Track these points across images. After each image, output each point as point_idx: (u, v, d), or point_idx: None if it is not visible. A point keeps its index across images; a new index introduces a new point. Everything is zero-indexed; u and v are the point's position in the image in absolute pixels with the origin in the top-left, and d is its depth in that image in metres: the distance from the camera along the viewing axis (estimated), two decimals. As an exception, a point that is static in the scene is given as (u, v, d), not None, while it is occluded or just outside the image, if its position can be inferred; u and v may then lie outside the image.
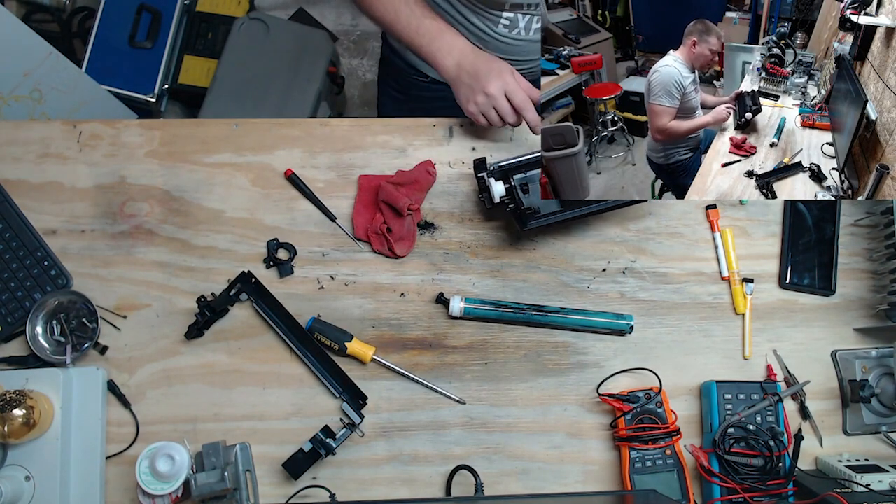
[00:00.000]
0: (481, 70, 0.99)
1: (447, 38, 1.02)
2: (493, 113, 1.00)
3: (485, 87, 0.98)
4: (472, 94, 1.00)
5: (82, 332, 1.03)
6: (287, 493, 0.98)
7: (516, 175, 1.01)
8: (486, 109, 1.00)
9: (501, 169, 1.01)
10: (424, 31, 1.02)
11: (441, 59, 1.02)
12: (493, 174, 1.00)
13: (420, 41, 1.02)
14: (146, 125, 1.13)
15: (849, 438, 1.02)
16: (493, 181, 0.98)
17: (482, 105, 1.00)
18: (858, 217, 1.09)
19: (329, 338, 1.01)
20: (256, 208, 1.09)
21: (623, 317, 1.03)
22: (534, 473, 1.01)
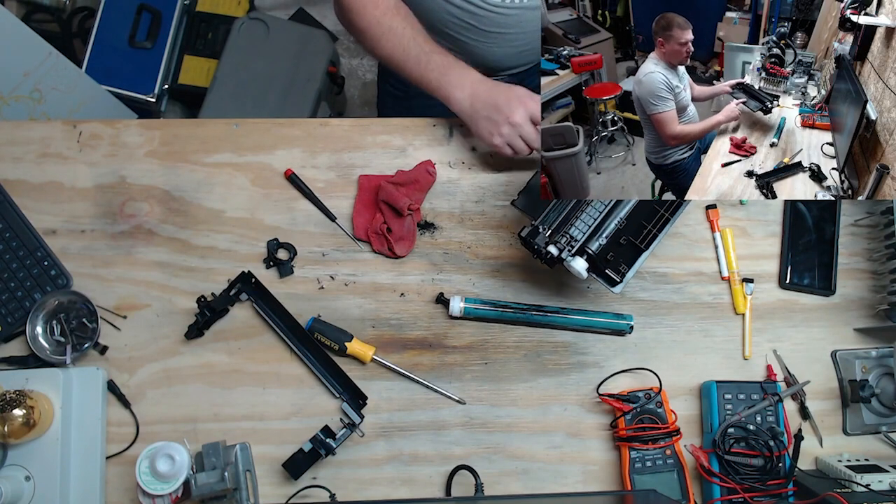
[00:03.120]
0: (500, 100, 0.97)
1: (457, 72, 1.00)
2: (519, 142, 0.98)
3: (509, 117, 0.96)
4: (494, 127, 0.97)
5: (82, 332, 1.03)
6: (287, 493, 0.98)
7: (593, 243, 0.91)
8: (512, 140, 0.98)
9: (575, 243, 0.92)
10: (434, 66, 1.00)
11: (453, 93, 1.00)
12: (568, 250, 0.91)
13: (430, 76, 1.01)
14: (146, 125, 1.13)
15: (849, 438, 1.02)
16: (571, 261, 0.90)
17: (508, 136, 0.97)
18: (858, 217, 1.09)
19: (329, 338, 1.01)
20: (256, 208, 1.09)
21: (623, 317, 1.03)
22: (534, 473, 1.01)
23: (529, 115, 0.96)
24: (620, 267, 0.92)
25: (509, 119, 0.96)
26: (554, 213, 0.93)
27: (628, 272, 0.92)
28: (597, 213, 0.92)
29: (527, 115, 0.96)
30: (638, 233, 0.92)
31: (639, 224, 0.92)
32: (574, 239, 0.91)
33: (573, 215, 0.92)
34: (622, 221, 0.92)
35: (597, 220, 0.92)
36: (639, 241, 0.92)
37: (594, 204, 0.93)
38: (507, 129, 0.97)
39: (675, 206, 0.94)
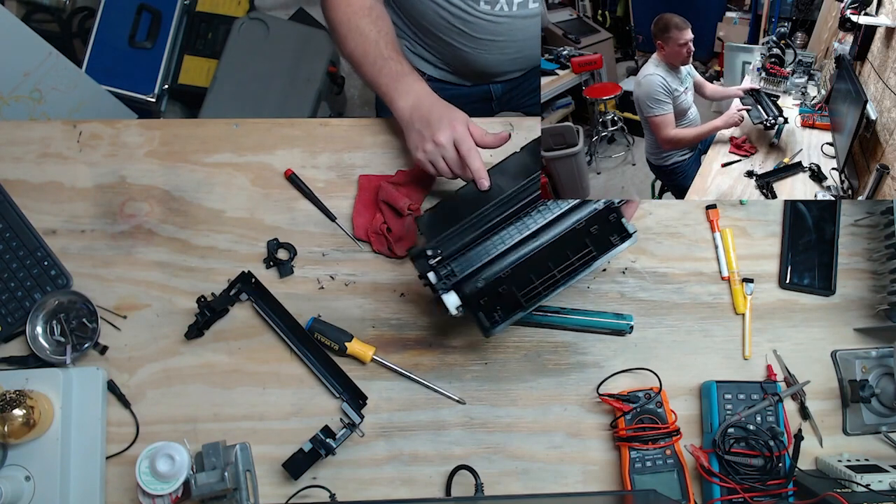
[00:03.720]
0: (434, 117, 0.96)
1: (408, 81, 1.00)
2: (441, 163, 0.96)
3: (434, 136, 0.94)
4: (421, 142, 0.97)
5: (82, 332, 1.03)
6: (287, 493, 0.98)
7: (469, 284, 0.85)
8: (434, 158, 0.97)
9: (453, 278, 0.86)
10: (388, 71, 1.01)
11: (397, 100, 1.00)
12: (444, 283, 0.86)
13: (381, 80, 1.01)
14: (146, 125, 1.13)
15: (849, 438, 1.02)
16: (444, 295, 0.85)
17: (430, 153, 0.96)
18: (858, 217, 1.09)
19: (329, 338, 1.01)
20: (256, 208, 1.09)
21: (623, 317, 1.03)
22: (534, 473, 1.01)
23: (455, 139, 0.94)
24: (496, 314, 0.86)
25: (434, 137, 0.94)
26: (454, 239, 0.87)
27: (501, 323, 0.86)
28: (494, 251, 0.86)
29: (451, 137, 0.94)
30: (524, 284, 0.86)
31: (542, 268, 0.86)
32: (453, 274, 0.86)
33: (470, 247, 0.87)
34: (507, 270, 0.85)
35: (486, 260, 0.86)
36: (522, 294, 0.86)
37: (494, 240, 0.86)
38: (431, 147, 0.95)
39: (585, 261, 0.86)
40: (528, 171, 0.90)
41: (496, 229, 0.87)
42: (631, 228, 0.87)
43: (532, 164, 0.92)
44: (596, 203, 0.87)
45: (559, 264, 0.86)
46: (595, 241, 0.87)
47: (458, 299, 0.85)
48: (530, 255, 0.86)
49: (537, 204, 0.87)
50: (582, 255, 0.87)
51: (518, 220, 0.87)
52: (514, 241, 0.86)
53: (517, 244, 0.86)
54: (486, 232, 0.87)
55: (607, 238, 0.87)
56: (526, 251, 0.86)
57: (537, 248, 0.86)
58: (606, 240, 0.87)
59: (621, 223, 0.87)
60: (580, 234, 0.87)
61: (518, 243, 0.86)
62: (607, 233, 0.87)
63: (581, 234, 0.87)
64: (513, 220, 0.87)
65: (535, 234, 0.86)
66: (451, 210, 0.94)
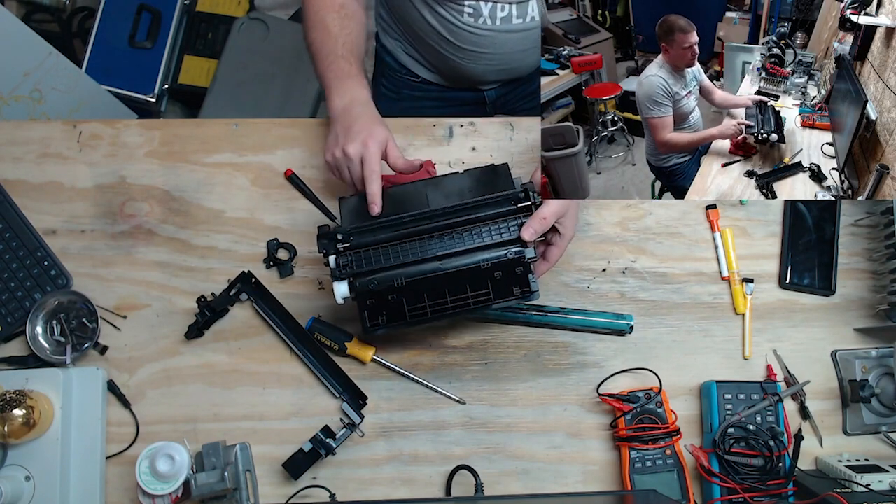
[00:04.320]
0: (354, 127, 0.95)
1: (349, 84, 1.00)
2: (346, 173, 0.96)
3: (345, 145, 0.94)
4: (334, 146, 0.96)
5: (82, 332, 1.03)
6: (287, 493, 0.98)
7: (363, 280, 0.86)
8: (339, 166, 0.96)
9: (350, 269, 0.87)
10: (335, 68, 1.00)
11: (333, 98, 0.99)
12: (339, 271, 0.86)
13: (327, 75, 1.01)
14: (146, 125, 1.13)
15: (849, 438, 1.02)
16: (335, 282, 0.87)
17: (338, 161, 0.96)
18: (858, 217, 1.09)
19: (329, 338, 1.01)
20: (256, 208, 1.09)
21: (623, 317, 1.03)
22: (534, 473, 1.01)
23: (363, 155, 0.92)
24: (381, 318, 0.88)
25: (345, 146, 0.94)
26: (367, 234, 0.87)
27: (381, 329, 0.88)
28: (396, 259, 0.86)
29: (360, 154, 0.92)
30: (416, 300, 0.87)
31: (437, 292, 0.87)
32: (352, 266, 0.86)
33: (378, 246, 0.87)
34: (402, 281, 0.86)
35: (386, 264, 0.86)
36: (409, 308, 0.87)
37: (403, 248, 0.87)
38: (340, 155, 0.95)
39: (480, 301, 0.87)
40: (462, 193, 0.90)
41: (409, 239, 0.88)
42: (535, 286, 0.88)
43: (470, 188, 0.92)
44: (508, 249, 0.87)
45: (454, 294, 0.88)
46: (496, 285, 0.88)
47: (347, 291, 0.87)
48: (428, 276, 0.87)
49: (461, 228, 0.88)
50: (479, 293, 0.88)
51: (435, 237, 0.88)
52: (419, 256, 0.87)
53: (422, 260, 0.87)
54: (398, 238, 0.88)
55: (510, 286, 0.88)
56: (426, 269, 0.87)
57: (437, 271, 0.87)
58: (508, 288, 0.88)
59: (527, 279, 0.88)
60: (484, 273, 0.88)
61: (423, 260, 0.87)
62: (511, 281, 0.88)
63: (485, 274, 0.88)
64: (430, 236, 0.88)
65: (443, 258, 0.87)
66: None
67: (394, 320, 0.88)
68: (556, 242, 0.92)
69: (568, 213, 0.90)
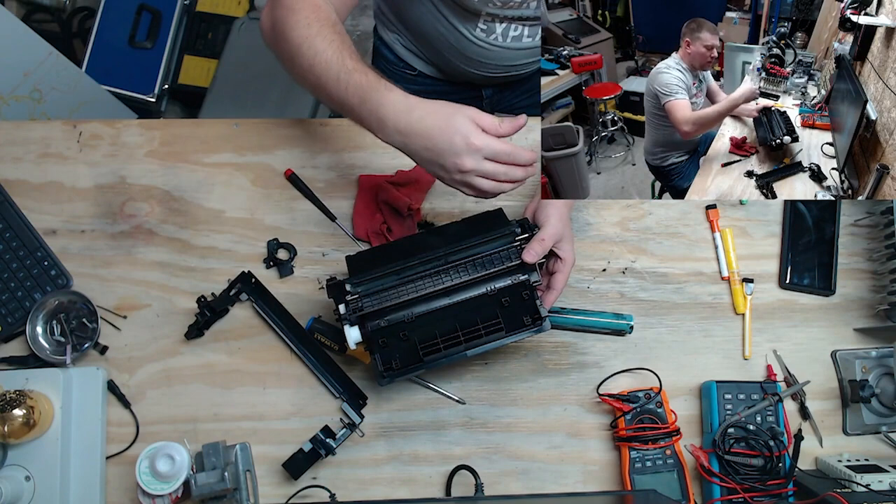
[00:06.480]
0: (439, 141, 0.79)
1: (377, 96, 0.82)
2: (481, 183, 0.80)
3: (458, 166, 0.79)
4: (446, 175, 0.81)
5: (82, 332, 1.03)
6: (287, 493, 0.98)
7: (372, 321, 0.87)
8: (471, 182, 0.81)
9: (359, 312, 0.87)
10: (353, 88, 0.83)
11: (377, 132, 0.84)
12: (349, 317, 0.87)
13: (349, 100, 0.83)
14: (146, 125, 1.13)
15: (849, 438, 1.02)
16: (347, 327, 0.87)
17: (461, 181, 0.81)
18: (858, 217, 1.09)
19: (329, 338, 1.01)
20: (256, 208, 1.09)
21: (623, 317, 1.03)
22: (534, 473, 1.01)
23: (483, 153, 0.78)
24: (394, 361, 0.88)
25: (458, 167, 0.79)
26: (375, 282, 0.89)
27: (395, 376, 0.88)
28: (405, 296, 0.87)
29: (479, 152, 0.78)
30: (428, 337, 0.87)
31: (448, 326, 0.88)
32: (361, 308, 0.86)
33: (386, 290, 0.88)
34: (412, 317, 0.87)
35: (395, 302, 0.86)
36: (422, 345, 0.88)
37: (409, 287, 0.87)
38: (459, 177, 0.81)
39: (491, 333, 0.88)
40: (462, 237, 0.91)
41: (415, 279, 0.89)
42: (544, 312, 0.89)
43: (469, 232, 0.92)
44: (513, 277, 0.88)
45: (465, 327, 0.89)
46: (505, 313, 0.89)
47: (359, 335, 0.88)
48: (438, 310, 0.88)
49: (466, 263, 0.89)
50: (489, 323, 0.89)
51: (441, 273, 0.89)
52: (426, 291, 0.88)
53: (430, 295, 0.88)
54: (405, 280, 0.89)
55: (519, 315, 0.89)
56: (435, 305, 0.89)
57: (446, 304, 0.89)
58: (518, 316, 0.89)
59: (535, 304, 0.89)
60: (492, 299, 0.89)
61: (431, 294, 0.88)
62: (520, 310, 0.89)
63: (492, 301, 0.89)
64: (437, 272, 0.89)
65: (451, 292, 0.89)
66: (382, 254, 0.95)
67: (408, 363, 0.89)
68: (560, 269, 0.92)
69: (565, 237, 0.91)
